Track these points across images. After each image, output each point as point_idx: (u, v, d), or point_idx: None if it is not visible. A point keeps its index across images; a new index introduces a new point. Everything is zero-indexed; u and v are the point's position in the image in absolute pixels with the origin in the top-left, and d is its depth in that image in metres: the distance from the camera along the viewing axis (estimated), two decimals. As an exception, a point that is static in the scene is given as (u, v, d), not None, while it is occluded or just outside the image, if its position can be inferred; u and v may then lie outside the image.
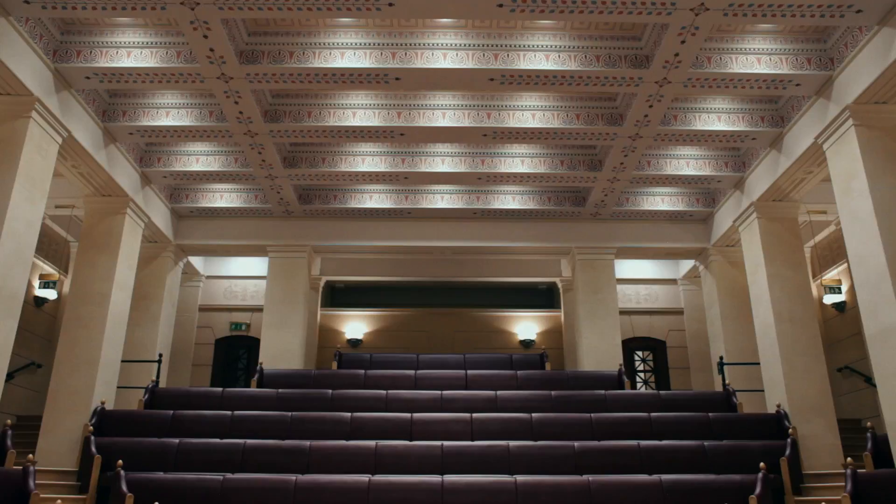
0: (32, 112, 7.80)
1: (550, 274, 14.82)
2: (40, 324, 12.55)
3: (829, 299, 12.45)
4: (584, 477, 7.94)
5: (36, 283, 12.27)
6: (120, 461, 8.06)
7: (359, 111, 9.64)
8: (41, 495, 7.01)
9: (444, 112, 9.66)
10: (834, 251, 12.64)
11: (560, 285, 14.72)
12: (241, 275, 15.09)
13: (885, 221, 7.46)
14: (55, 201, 11.42)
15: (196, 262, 14.40)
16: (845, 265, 12.10)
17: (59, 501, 6.42)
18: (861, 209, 7.74)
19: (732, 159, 11.01)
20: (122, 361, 10.42)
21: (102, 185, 10.09)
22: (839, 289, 12.37)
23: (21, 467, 7.06)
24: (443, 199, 12.29)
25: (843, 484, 7.12)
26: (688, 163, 11.01)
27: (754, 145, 10.07)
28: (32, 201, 7.86)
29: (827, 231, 12.65)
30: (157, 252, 12.36)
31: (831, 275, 12.71)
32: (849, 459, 7.53)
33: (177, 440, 8.64)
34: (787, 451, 8.58)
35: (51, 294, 12.40)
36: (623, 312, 14.49)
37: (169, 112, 9.61)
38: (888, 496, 6.54)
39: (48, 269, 12.67)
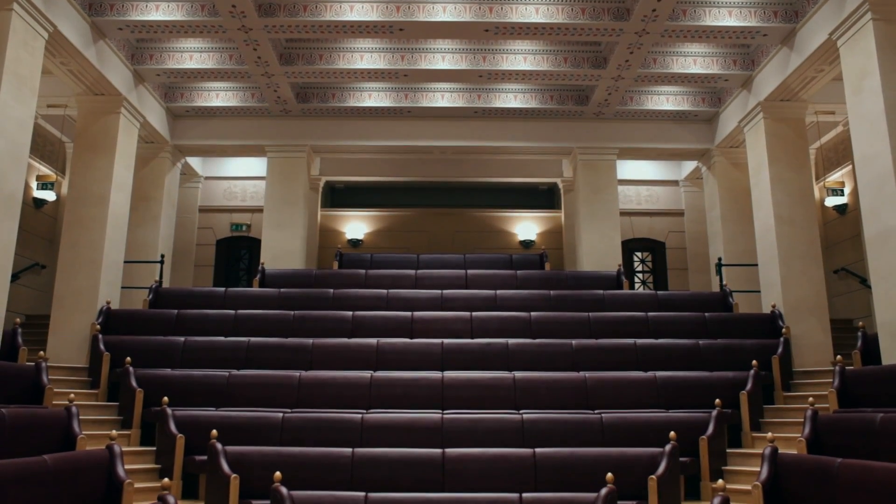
0: (14, 5, 7.49)
1: (551, 174, 14.72)
2: (41, 225, 12.58)
3: (831, 202, 12.41)
4: (581, 374, 8.17)
5: (34, 184, 12.20)
6: (128, 358, 8.28)
7: (356, 5, 9.27)
8: (55, 390, 7.24)
9: (444, 6, 9.29)
10: (839, 153, 12.49)
11: (561, 186, 14.64)
12: (241, 175, 14.98)
13: (895, 121, 7.32)
14: (47, 100, 11.18)
15: (194, 162, 14.27)
16: (849, 167, 11.97)
17: (72, 395, 6.62)
18: (871, 108, 7.58)
19: (741, 57, 10.68)
20: (125, 262, 10.51)
21: (94, 83, 9.84)
22: (842, 191, 12.31)
23: (33, 363, 7.26)
24: (443, 97, 12.02)
25: (832, 380, 7.33)
26: (695, 60, 10.69)
27: (765, 42, 9.74)
28: (22, 100, 7.68)
29: (833, 132, 12.44)
30: (155, 153, 12.22)
31: (835, 177, 12.61)
32: (838, 357, 7.72)
33: (182, 338, 8.84)
34: (780, 350, 8.79)
35: (49, 195, 12.35)
36: (623, 213, 14.48)
37: (159, 6, 9.24)
38: (873, 391, 6.74)
39: (45, 170, 12.56)
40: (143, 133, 11.50)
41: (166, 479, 5.16)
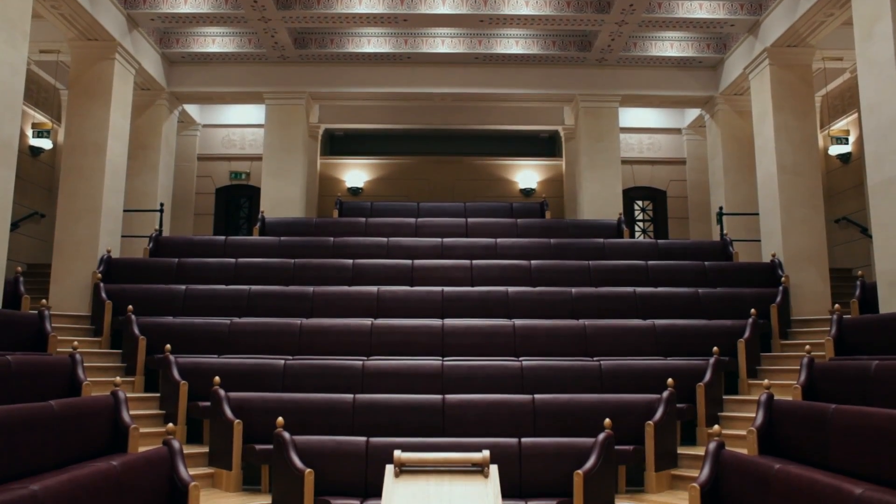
0: (2, -55, 7.27)
1: (553, 122, 14.56)
2: (39, 174, 12.50)
3: (835, 150, 12.30)
4: (581, 321, 8.22)
5: (29, 132, 12.07)
6: (130, 306, 8.33)
7: (353, -55, 9.01)
8: (58, 338, 7.30)
9: (444, -54, 9.04)
10: (845, 100, 12.32)
11: (562, 133, 14.49)
12: (239, 123, 14.82)
13: (903, 68, 7.19)
14: (39, 45, 10.96)
15: (192, 110, 14.10)
16: (855, 115, 11.82)
17: (75, 343, 6.67)
18: (881, 54, 7.43)
19: (748, 1, 10.43)
20: (124, 211, 10.47)
21: (86, 28, 9.63)
22: (846, 139, 12.18)
23: (36, 311, 7.30)
24: (443, 43, 11.79)
25: (829, 329, 7.38)
26: (701, 5, 10.45)
27: (773, -15, 9.50)
28: (13, 44, 7.52)
29: (840, 79, 12.25)
30: (151, 100, 12.06)
31: (839, 125, 12.47)
32: (836, 306, 7.76)
33: (183, 287, 8.87)
34: (778, 298, 8.82)
35: (46, 143, 12.23)
36: (625, 162, 14.36)
37: (150, -54, 8.98)
38: (869, 339, 6.79)
39: (40, 117, 12.41)
40: (139, 80, 11.32)
41: (170, 425, 5.24)
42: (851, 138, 12.16)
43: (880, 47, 7.43)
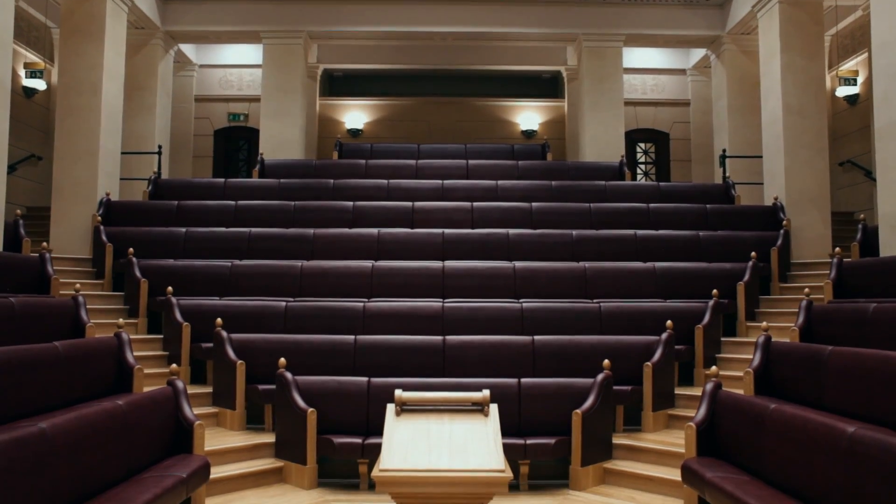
0: None
1: (555, 62, 14.29)
2: (34, 115, 12.33)
3: (842, 91, 12.09)
4: (581, 264, 8.24)
5: (22, 72, 11.86)
6: (131, 249, 8.33)
7: None
8: (60, 280, 7.33)
9: None
10: (856, 39, 12.04)
11: (565, 74, 14.24)
12: (237, 63, 14.56)
13: (916, 5, 7.00)
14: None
15: (188, 50, 13.82)
16: (865, 55, 11.57)
17: (77, 285, 6.69)
18: (893, -9, 7.21)
19: (760, -66, 10.10)
20: (122, 153, 10.36)
21: (77, -37, 9.36)
22: (854, 80, 11.96)
23: (37, 254, 7.30)
24: (444, -21, 11.48)
25: (829, 272, 7.39)
26: (711, -62, 10.12)
27: (786, -83, 9.17)
28: (3, -20, 7.30)
29: (852, 17, 11.94)
30: (146, 39, 11.81)
31: (848, 66, 12.22)
32: (837, 249, 7.75)
33: (183, 229, 8.86)
34: (779, 242, 8.81)
35: (39, 84, 12.03)
36: (628, 103, 14.15)
37: None
38: (868, 283, 6.80)
39: (33, 57, 12.17)
40: (133, 18, 11.04)
41: (174, 365, 5.30)
42: (860, 79, 11.94)
43: (894, -17, 7.21)
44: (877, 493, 3.31)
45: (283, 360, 5.97)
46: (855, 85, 11.96)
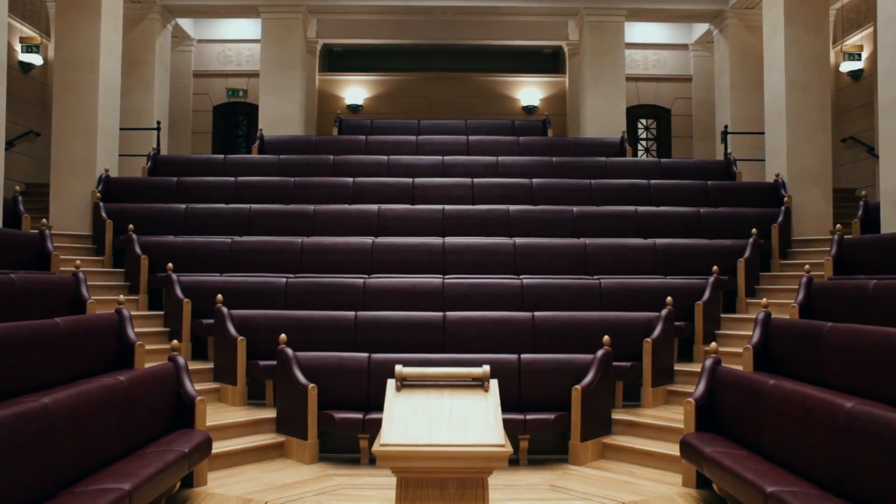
0: None
1: (556, 37, 14.14)
2: (31, 91, 12.23)
3: (846, 67, 11.98)
4: (581, 240, 8.23)
5: (17, 46, 11.74)
6: (131, 226, 8.32)
7: None
8: (60, 257, 7.32)
9: None
10: (861, 14, 11.91)
11: (566, 49, 14.11)
12: (235, 38, 14.42)
13: (922, -22, 6.91)
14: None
15: (186, 24, 13.68)
16: (870, 30, 11.45)
17: (78, 262, 6.69)
18: (899, -37, 7.11)
19: None
20: (121, 129, 10.30)
21: (72, -65, 9.22)
22: (859, 55, 11.85)
23: (37, 231, 7.29)
24: (444, -48, 11.33)
25: (829, 249, 7.38)
26: None
27: None
28: (-3, -48, 7.21)
29: (857, -10, 11.81)
30: (143, 13, 11.68)
31: (853, 40, 12.10)
32: (838, 226, 7.73)
33: (183, 206, 8.83)
34: (780, 218, 8.79)
35: (36, 59, 11.92)
36: (629, 79, 14.03)
37: None
38: (868, 259, 6.79)
39: (28, 31, 12.05)
40: (129, -9, 10.93)
41: (175, 341, 5.32)
42: (864, 54, 11.82)
43: (900, -44, 7.11)
44: (874, 467, 3.33)
45: (283, 335, 5.99)
46: (859, 60, 11.85)
